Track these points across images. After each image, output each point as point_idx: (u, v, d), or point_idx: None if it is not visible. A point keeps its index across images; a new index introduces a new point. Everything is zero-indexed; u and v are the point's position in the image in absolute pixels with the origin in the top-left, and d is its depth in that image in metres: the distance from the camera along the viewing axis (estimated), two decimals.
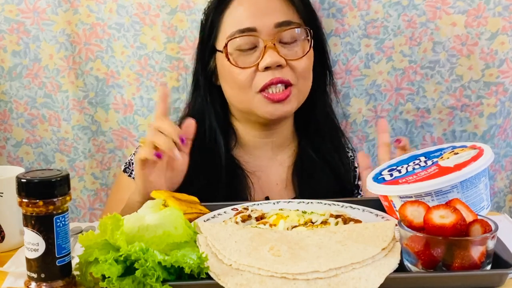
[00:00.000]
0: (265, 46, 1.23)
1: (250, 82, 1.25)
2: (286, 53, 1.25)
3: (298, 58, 1.26)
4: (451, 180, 0.94)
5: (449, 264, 0.80)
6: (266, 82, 1.23)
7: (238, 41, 1.24)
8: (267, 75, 1.23)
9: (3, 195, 1.04)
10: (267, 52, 1.23)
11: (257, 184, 1.33)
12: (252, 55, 1.25)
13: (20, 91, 1.56)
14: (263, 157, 1.37)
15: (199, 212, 1.06)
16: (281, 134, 1.37)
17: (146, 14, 1.53)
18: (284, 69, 1.24)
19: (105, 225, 0.83)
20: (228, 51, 1.25)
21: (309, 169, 1.34)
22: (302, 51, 1.27)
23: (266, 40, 1.23)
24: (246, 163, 1.35)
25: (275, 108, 1.26)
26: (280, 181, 1.36)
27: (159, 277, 0.78)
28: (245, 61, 1.25)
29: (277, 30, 1.24)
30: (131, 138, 1.58)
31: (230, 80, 1.28)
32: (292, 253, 0.83)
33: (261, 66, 1.23)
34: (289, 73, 1.25)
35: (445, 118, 1.56)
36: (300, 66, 1.26)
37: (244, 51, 1.25)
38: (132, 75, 1.56)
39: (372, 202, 1.09)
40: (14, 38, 1.53)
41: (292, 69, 1.25)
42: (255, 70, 1.24)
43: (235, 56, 1.25)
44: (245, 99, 1.27)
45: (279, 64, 1.23)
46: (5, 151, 1.61)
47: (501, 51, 1.50)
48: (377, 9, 1.50)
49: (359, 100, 1.57)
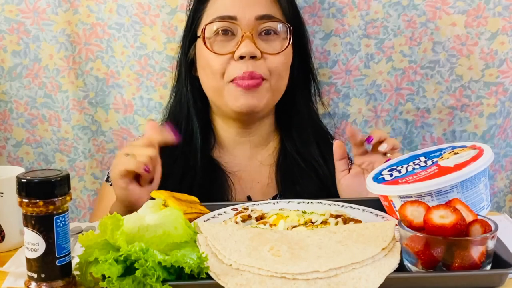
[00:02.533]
0: (242, 35, 1.23)
1: (223, 70, 1.25)
2: (264, 46, 1.25)
3: (274, 53, 1.26)
4: (451, 180, 0.94)
5: (449, 264, 0.80)
6: (238, 75, 1.23)
7: (216, 26, 1.25)
8: (240, 66, 1.23)
9: (3, 195, 1.04)
10: (243, 41, 1.23)
11: (238, 184, 1.33)
12: (229, 43, 1.25)
13: (20, 91, 1.56)
14: (243, 156, 1.37)
15: (199, 212, 1.06)
16: (260, 133, 1.36)
17: (146, 14, 1.53)
18: (258, 61, 1.24)
19: (105, 225, 0.83)
20: (206, 35, 1.26)
21: (291, 167, 1.34)
22: (280, 47, 1.27)
23: (244, 30, 1.24)
24: (226, 163, 1.35)
25: (246, 99, 1.24)
26: (261, 180, 1.36)
27: (159, 277, 0.78)
28: (222, 48, 1.25)
29: (258, 22, 1.25)
30: (131, 138, 1.58)
31: (205, 65, 1.28)
32: (292, 253, 0.83)
33: (236, 54, 1.23)
34: (263, 67, 1.24)
35: (445, 118, 1.56)
36: (275, 62, 1.26)
37: (222, 37, 1.25)
38: (132, 75, 1.56)
39: (372, 202, 1.09)
40: (14, 38, 1.53)
41: (267, 63, 1.25)
42: (230, 58, 1.24)
43: (212, 41, 1.26)
44: (217, 88, 1.27)
45: (254, 55, 1.23)
46: (5, 151, 1.61)
47: (501, 51, 1.50)
48: (377, 9, 1.50)
49: (359, 100, 1.57)
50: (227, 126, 1.36)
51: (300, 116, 1.38)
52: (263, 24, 1.25)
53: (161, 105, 1.56)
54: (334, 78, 1.55)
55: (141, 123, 1.58)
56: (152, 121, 1.30)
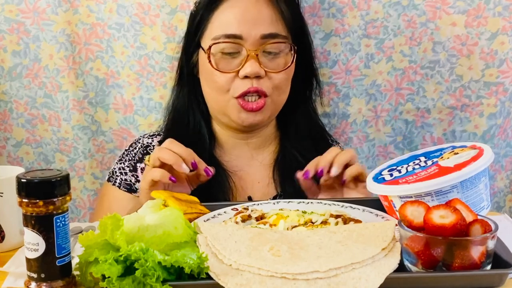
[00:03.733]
0: (248, 55, 1.24)
1: (229, 87, 1.26)
2: (267, 64, 1.26)
3: (278, 71, 1.27)
4: (451, 180, 0.94)
5: (449, 264, 0.80)
6: (243, 91, 1.24)
7: (222, 46, 1.25)
8: (245, 84, 1.24)
9: (3, 195, 1.04)
10: (248, 61, 1.24)
11: (238, 183, 1.33)
12: (234, 60, 1.26)
13: (20, 91, 1.56)
14: (243, 157, 1.37)
15: (199, 212, 1.06)
16: (260, 136, 1.37)
17: (146, 14, 1.53)
18: (263, 79, 1.25)
19: (105, 225, 0.83)
20: (211, 52, 1.26)
21: (291, 166, 1.33)
22: (283, 65, 1.28)
23: (249, 49, 1.24)
24: (226, 162, 1.35)
25: (248, 116, 1.27)
26: (261, 180, 1.36)
27: (159, 277, 0.78)
28: (226, 66, 1.26)
29: (263, 41, 1.25)
30: (131, 138, 1.58)
31: (209, 80, 1.29)
32: (292, 253, 0.83)
33: (241, 74, 1.24)
34: (266, 84, 1.26)
35: (445, 118, 1.56)
36: (278, 79, 1.27)
37: (227, 55, 1.26)
38: (132, 75, 1.56)
39: (372, 202, 1.09)
40: (14, 38, 1.53)
41: (270, 80, 1.26)
42: (235, 76, 1.25)
43: (217, 58, 1.26)
44: (221, 102, 1.28)
45: (258, 75, 1.24)
46: (5, 151, 1.61)
47: (501, 51, 1.50)
48: (377, 9, 1.50)
49: (359, 100, 1.57)
50: (226, 131, 1.36)
51: (300, 116, 1.39)
52: (268, 44, 1.25)
53: (161, 105, 1.56)
54: (334, 78, 1.55)
55: (141, 123, 1.58)
56: None
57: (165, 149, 1.13)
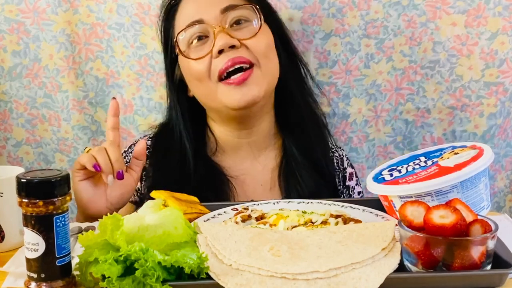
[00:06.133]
0: (214, 32, 1.22)
1: (208, 71, 1.23)
2: (238, 34, 1.23)
3: (251, 36, 1.23)
4: (451, 180, 0.94)
5: (449, 264, 0.80)
6: (221, 67, 1.21)
7: (187, 34, 1.24)
8: (222, 59, 1.21)
9: (3, 195, 1.04)
10: (217, 36, 1.21)
11: (241, 188, 1.32)
12: (205, 45, 1.24)
13: (20, 91, 1.56)
14: (245, 159, 1.36)
15: (199, 212, 1.06)
16: (261, 133, 1.35)
17: (146, 14, 1.53)
18: (240, 49, 1.22)
19: (105, 225, 0.83)
20: (180, 48, 1.25)
21: (295, 170, 1.32)
22: (255, 29, 1.25)
23: (214, 26, 1.22)
24: (228, 167, 1.34)
25: (242, 93, 1.22)
26: (264, 183, 1.35)
27: (159, 277, 0.78)
28: (200, 52, 1.24)
29: (224, 15, 1.23)
30: (131, 138, 1.58)
31: (190, 76, 1.27)
32: (292, 253, 0.83)
33: (214, 51, 1.21)
34: (246, 53, 1.22)
35: (445, 118, 1.56)
36: (257, 44, 1.23)
37: (197, 43, 1.24)
38: (132, 75, 1.56)
39: (372, 202, 1.09)
40: (14, 38, 1.53)
41: (249, 49, 1.23)
42: (211, 58, 1.22)
43: (188, 51, 1.25)
44: (209, 92, 1.25)
45: (231, 45, 1.21)
46: (5, 151, 1.61)
47: (501, 51, 1.50)
48: (377, 9, 1.50)
49: (359, 100, 1.57)
50: (226, 131, 1.34)
51: (297, 107, 1.36)
52: (230, 15, 1.23)
53: (161, 105, 1.56)
54: (334, 78, 1.55)
55: (141, 123, 1.58)
56: (114, 100, 1.25)
57: (104, 152, 1.13)
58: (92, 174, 1.17)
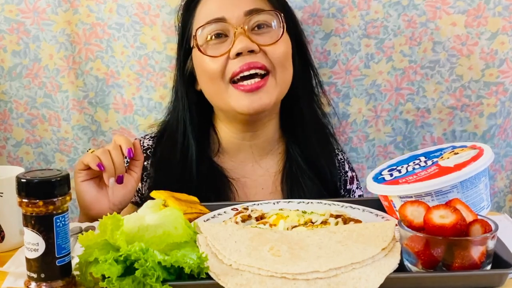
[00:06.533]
0: (235, 33, 1.21)
1: (222, 72, 1.22)
2: (259, 39, 1.22)
3: (271, 43, 1.22)
4: (451, 180, 0.94)
5: (449, 264, 0.80)
6: (236, 70, 1.20)
7: (207, 30, 1.23)
8: (238, 62, 1.20)
9: (3, 195, 1.04)
10: (237, 38, 1.20)
11: (241, 190, 1.31)
12: (223, 44, 1.23)
13: (20, 91, 1.56)
14: (246, 162, 1.35)
15: (199, 212, 1.06)
16: (265, 136, 1.34)
17: (146, 14, 1.53)
18: (258, 55, 1.21)
19: (105, 225, 0.83)
20: (198, 42, 1.23)
21: (299, 177, 1.32)
22: (276, 36, 1.23)
23: (236, 27, 1.21)
24: (230, 169, 1.33)
25: (251, 100, 1.21)
26: (265, 186, 1.34)
27: (159, 277, 0.78)
28: (216, 51, 1.22)
29: (247, 18, 1.22)
30: (131, 138, 1.58)
31: (202, 72, 1.26)
32: (292, 253, 0.83)
33: (232, 52, 1.20)
34: (263, 59, 1.21)
35: (445, 118, 1.56)
36: (276, 52, 1.22)
37: (215, 40, 1.23)
38: (132, 75, 1.56)
39: (372, 202, 1.09)
40: (14, 38, 1.53)
41: (267, 55, 1.22)
42: (227, 58, 1.21)
43: (205, 47, 1.23)
44: (219, 91, 1.24)
45: (250, 49, 1.20)
46: (5, 151, 1.61)
47: (501, 51, 1.50)
48: (377, 9, 1.50)
49: (359, 100, 1.57)
50: (231, 131, 1.33)
51: (304, 117, 1.35)
52: (253, 18, 1.22)
53: (161, 105, 1.56)
54: (334, 78, 1.55)
55: (141, 123, 1.58)
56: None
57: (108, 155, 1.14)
58: (95, 175, 1.17)
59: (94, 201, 1.16)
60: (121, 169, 1.15)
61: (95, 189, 1.17)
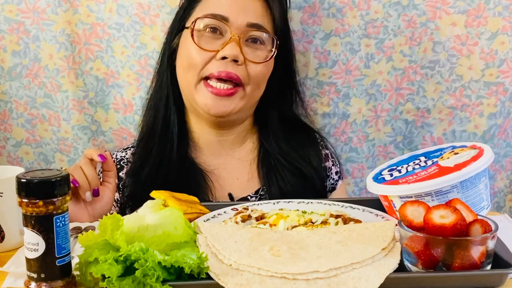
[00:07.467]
0: (230, 37, 1.24)
1: (202, 67, 1.25)
2: (248, 52, 1.26)
3: (257, 62, 1.26)
4: (451, 180, 0.94)
5: (449, 264, 0.80)
6: (214, 72, 1.23)
7: (207, 22, 1.25)
8: (220, 66, 1.23)
9: (3, 195, 1.04)
10: (230, 43, 1.23)
11: (217, 182, 1.33)
12: (215, 41, 1.25)
13: (20, 91, 1.56)
14: (219, 154, 1.36)
15: (199, 212, 1.06)
16: (235, 133, 1.36)
17: (146, 14, 1.53)
18: (240, 66, 1.24)
19: (105, 225, 0.83)
20: (195, 27, 1.25)
21: (272, 162, 1.34)
22: (264, 57, 1.28)
23: (233, 32, 1.24)
24: (202, 162, 1.34)
25: (215, 104, 1.25)
26: (240, 176, 1.35)
27: (159, 277, 0.78)
28: (207, 45, 1.25)
29: (247, 29, 1.25)
30: (131, 138, 1.58)
31: (185, 57, 1.27)
32: (292, 253, 0.83)
33: (219, 54, 1.24)
34: (242, 71, 1.25)
35: (445, 118, 1.56)
36: (256, 71, 1.27)
37: (210, 33, 1.25)
38: (132, 75, 1.56)
39: (372, 202, 1.09)
40: (14, 38, 1.53)
41: (248, 69, 1.26)
42: (212, 57, 1.24)
43: (199, 35, 1.26)
44: (191, 81, 1.26)
45: (236, 58, 1.23)
46: (5, 151, 1.61)
47: (501, 51, 1.50)
48: (377, 9, 1.50)
49: (359, 100, 1.57)
50: (202, 125, 1.35)
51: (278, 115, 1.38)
52: (252, 32, 1.26)
53: None
54: (334, 78, 1.55)
55: None
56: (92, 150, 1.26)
57: (81, 171, 1.15)
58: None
59: (73, 217, 1.16)
60: (95, 182, 1.17)
61: (72, 204, 1.17)
